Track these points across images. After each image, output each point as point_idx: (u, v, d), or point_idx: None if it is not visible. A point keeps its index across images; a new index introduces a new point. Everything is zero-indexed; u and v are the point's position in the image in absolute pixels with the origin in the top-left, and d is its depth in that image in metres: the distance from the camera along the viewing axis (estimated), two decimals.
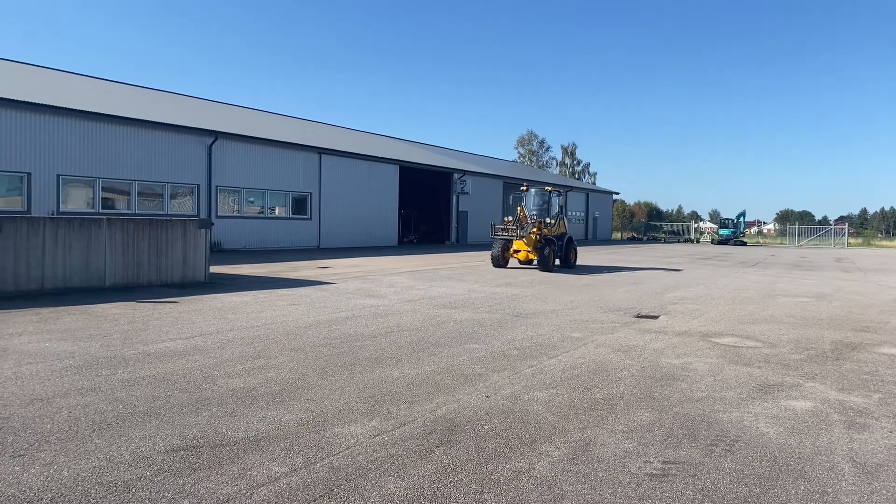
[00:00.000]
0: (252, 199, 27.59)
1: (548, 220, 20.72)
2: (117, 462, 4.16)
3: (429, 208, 41.01)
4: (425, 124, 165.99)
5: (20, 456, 4.21)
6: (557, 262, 20.87)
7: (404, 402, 5.71)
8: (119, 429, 4.78)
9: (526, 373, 6.91)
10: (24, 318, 9.41)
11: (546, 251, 19.49)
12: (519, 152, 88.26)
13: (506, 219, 20.83)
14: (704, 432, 5.12)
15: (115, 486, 3.82)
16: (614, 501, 3.84)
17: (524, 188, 22.44)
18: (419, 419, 5.24)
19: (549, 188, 22.11)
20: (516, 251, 20.42)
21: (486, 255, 28.37)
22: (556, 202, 21.95)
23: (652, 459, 4.50)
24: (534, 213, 21.31)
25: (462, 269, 19.87)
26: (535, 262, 20.05)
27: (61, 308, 10.36)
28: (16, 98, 19.63)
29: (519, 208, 20.39)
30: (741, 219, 58.77)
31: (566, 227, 22.36)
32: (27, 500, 3.60)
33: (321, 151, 30.40)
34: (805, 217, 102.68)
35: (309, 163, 29.88)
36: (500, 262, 20.44)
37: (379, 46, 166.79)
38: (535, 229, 19.87)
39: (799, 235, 60.80)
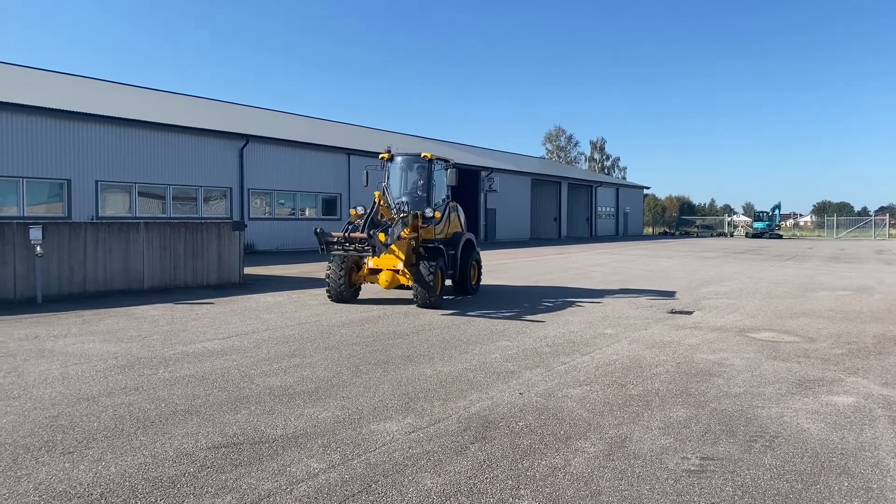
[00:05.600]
0: (283, 200, 27.97)
1: (428, 213, 11.97)
2: (162, 459, 4.29)
3: None
4: (452, 122, 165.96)
5: (70, 453, 4.36)
6: (448, 283, 12.49)
7: (438, 399, 5.75)
8: (162, 426, 4.92)
9: (559, 370, 6.89)
10: (68, 320, 9.72)
11: (430, 270, 11.03)
12: (547, 148, 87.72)
13: (351, 211, 11.95)
14: (743, 428, 5.04)
15: (161, 481, 3.94)
16: (652, 497, 3.82)
17: (386, 154, 12.87)
18: (454, 416, 5.27)
19: (429, 154, 12.80)
20: (374, 271, 11.80)
21: (516, 253, 28.20)
22: (443, 181, 13.08)
23: (689, 455, 4.46)
24: (403, 199, 12.27)
25: (491, 266, 19.85)
26: (416, 287, 11.21)
27: (103, 310, 10.66)
28: (56, 107, 20.26)
29: (377, 193, 11.59)
30: (776, 211, 57.47)
31: (462, 223, 13.55)
32: (78, 495, 3.74)
33: (350, 152, 30.65)
34: (843, 208, 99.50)
35: (338, 164, 30.15)
36: (344, 291, 11.73)
37: (406, 48, 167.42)
38: (407, 230, 11.40)
39: (837, 227, 59.19)
